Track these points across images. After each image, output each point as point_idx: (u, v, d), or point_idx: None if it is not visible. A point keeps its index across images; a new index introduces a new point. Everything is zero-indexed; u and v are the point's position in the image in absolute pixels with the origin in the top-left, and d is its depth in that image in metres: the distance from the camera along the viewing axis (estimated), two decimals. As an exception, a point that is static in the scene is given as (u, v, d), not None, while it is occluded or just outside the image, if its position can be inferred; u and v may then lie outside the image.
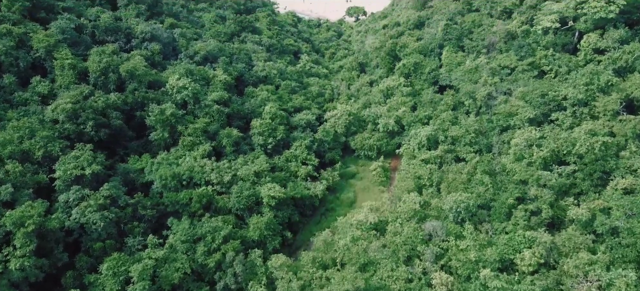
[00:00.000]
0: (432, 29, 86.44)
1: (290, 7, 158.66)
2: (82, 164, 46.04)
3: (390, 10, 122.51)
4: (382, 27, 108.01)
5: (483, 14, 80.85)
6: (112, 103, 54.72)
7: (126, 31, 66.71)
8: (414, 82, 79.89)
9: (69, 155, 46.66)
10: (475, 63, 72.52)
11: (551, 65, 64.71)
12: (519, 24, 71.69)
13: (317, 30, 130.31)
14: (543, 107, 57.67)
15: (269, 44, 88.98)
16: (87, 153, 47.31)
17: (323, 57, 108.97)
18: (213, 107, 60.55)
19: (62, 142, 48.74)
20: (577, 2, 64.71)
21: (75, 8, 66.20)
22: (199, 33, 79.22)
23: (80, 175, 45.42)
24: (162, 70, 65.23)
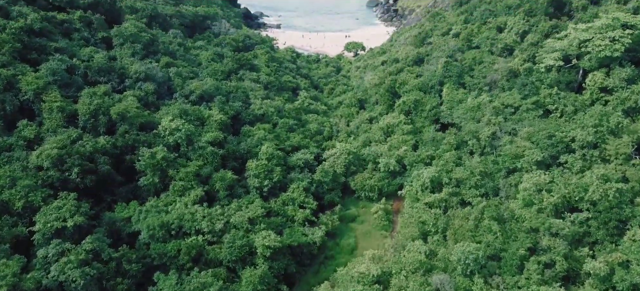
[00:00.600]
0: (432, 66, 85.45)
1: (289, 42, 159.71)
2: (64, 215, 43.22)
3: (388, 46, 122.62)
4: (381, 63, 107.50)
5: (484, 51, 79.94)
6: (101, 147, 52.42)
7: (120, 71, 65.31)
8: (414, 119, 78.07)
9: (51, 206, 43.89)
10: (477, 101, 70.84)
11: (556, 104, 62.85)
12: (521, 62, 70.46)
13: (316, 66, 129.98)
14: (551, 149, 55.30)
15: (267, 81, 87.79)
16: (70, 203, 44.55)
17: (322, 92, 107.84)
18: (207, 148, 58.25)
19: (45, 190, 46.09)
20: (580, 40, 63.54)
21: (68, 48, 65.01)
22: (195, 71, 77.99)
23: (62, 227, 42.52)
24: (156, 110, 63.35)
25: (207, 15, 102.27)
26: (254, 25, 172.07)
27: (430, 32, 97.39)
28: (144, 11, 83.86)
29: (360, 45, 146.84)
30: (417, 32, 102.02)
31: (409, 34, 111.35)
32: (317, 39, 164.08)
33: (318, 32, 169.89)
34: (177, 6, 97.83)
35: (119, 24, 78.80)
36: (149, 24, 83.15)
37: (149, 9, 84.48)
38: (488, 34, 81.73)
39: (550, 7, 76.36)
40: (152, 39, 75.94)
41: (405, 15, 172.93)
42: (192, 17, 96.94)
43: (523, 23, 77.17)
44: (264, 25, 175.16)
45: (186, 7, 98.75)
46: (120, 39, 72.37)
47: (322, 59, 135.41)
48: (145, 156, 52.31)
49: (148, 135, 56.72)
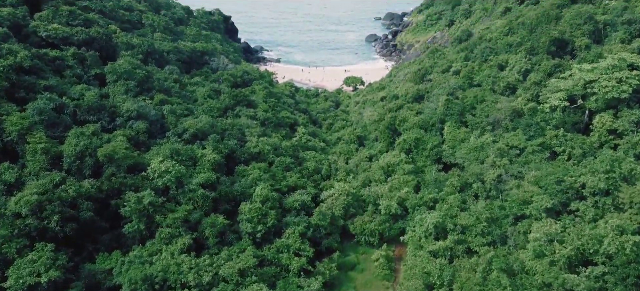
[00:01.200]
0: (432, 103, 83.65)
1: (289, 76, 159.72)
2: (38, 269, 39.87)
3: (388, 81, 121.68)
4: (380, 99, 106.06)
5: (485, 89, 78.29)
6: (85, 192, 49.50)
7: (111, 109, 63.26)
8: (415, 158, 75.44)
9: (26, 259, 40.62)
10: (480, 141, 68.49)
11: (563, 147, 60.43)
12: (524, 101, 68.55)
13: (315, 100, 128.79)
14: (560, 195, 52.36)
15: (264, 117, 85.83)
16: (46, 255, 41.30)
17: (320, 128, 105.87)
18: (198, 191, 55.30)
19: (21, 240, 42.93)
20: (585, 81, 61.83)
21: (58, 86, 63.22)
22: (191, 108, 76.05)
23: (35, 283, 39.07)
24: (147, 150, 60.83)
25: (205, 50, 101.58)
26: (253, 59, 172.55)
27: (430, 68, 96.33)
28: (140, 47, 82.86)
29: (359, 80, 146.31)
30: (417, 68, 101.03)
31: (408, 70, 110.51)
32: (316, 73, 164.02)
33: (317, 66, 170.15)
34: (174, 42, 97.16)
35: (114, 61, 77.61)
36: (145, 60, 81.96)
37: (146, 45, 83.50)
38: (489, 72, 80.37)
39: (552, 45, 75.24)
40: (146, 76, 74.41)
41: (404, 50, 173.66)
42: (190, 53, 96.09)
43: (525, 61, 75.86)
44: (264, 59, 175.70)
45: (184, 43, 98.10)
46: (113, 75, 70.79)
47: (321, 94, 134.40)
48: (131, 201, 49.33)
49: (136, 177, 53.91)
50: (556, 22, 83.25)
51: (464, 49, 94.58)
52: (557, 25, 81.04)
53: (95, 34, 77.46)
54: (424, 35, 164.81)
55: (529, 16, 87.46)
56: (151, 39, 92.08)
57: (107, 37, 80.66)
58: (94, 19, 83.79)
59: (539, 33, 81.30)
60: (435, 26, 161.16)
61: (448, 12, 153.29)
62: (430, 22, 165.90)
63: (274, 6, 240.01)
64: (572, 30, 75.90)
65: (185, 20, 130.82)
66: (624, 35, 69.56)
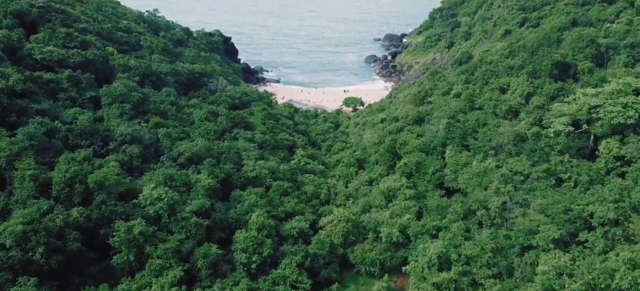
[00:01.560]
0: (433, 126, 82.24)
1: (288, 97, 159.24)
2: (19, 306, 37.53)
3: (387, 103, 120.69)
4: (380, 121, 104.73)
5: (487, 112, 76.94)
6: (73, 221, 47.48)
7: (104, 133, 61.72)
8: (417, 182, 73.50)
9: (6, 294, 38.31)
10: (483, 166, 66.67)
11: (569, 173, 58.62)
12: (527, 126, 67.12)
13: (314, 121, 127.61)
14: (568, 225, 50.31)
15: (262, 139, 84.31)
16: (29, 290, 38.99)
17: (320, 149, 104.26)
18: (191, 219, 53.24)
19: (3, 274, 40.73)
20: (590, 106, 60.49)
21: (50, 110, 61.85)
22: (187, 131, 74.58)
23: (14, 321, 36.73)
24: (140, 176, 59.01)
25: (203, 72, 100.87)
26: (253, 79, 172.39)
27: (430, 91, 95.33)
28: (138, 69, 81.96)
29: (359, 101, 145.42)
30: (417, 90, 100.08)
31: (408, 92, 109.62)
32: (315, 93, 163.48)
33: (317, 86, 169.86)
34: (173, 64, 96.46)
35: (110, 83, 76.57)
36: (142, 82, 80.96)
37: (143, 67, 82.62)
38: (490, 95, 79.21)
39: (554, 69, 74.26)
40: (142, 98, 73.18)
41: (404, 71, 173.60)
42: (188, 75, 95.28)
43: (527, 85, 74.75)
44: (264, 80, 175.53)
45: (183, 64, 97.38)
46: (108, 98, 69.57)
47: (321, 114, 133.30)
48: (120, 230, 47.27)
49: (127, 205, 51.95)
50: (557, 45, 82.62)
51: (464, 72, 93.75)
52: (559, 48, 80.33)
53: (92, 56, 76.65)
54: (423, 57, 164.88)
55: (530, 39, 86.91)
56: (149, 60, 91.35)
57: (104, 59, 79.85)
58: (91, 40, 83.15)
59: (540, 56, 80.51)
60: (434, 47, 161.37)
61: (447, 34, 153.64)
62: (429, 43, 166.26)
63: (274, 28, 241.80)
64: (574, 53, 75.05)
65: (185, 42, 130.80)
66: (628, 59, 68.63)
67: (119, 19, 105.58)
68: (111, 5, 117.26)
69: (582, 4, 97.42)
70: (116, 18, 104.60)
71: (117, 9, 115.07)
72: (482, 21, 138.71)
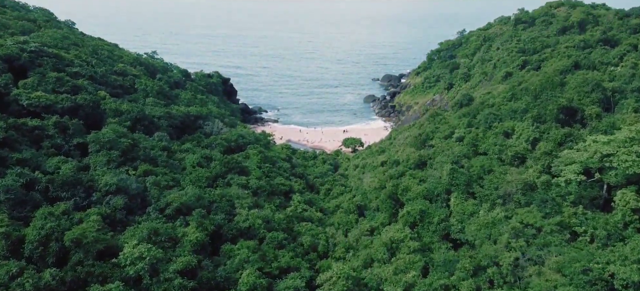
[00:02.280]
0: (436, 172, 78.81)
1: (286, 137, 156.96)
2: None
3: (387, 144, 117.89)
4: (380, 164, 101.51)
5: (492, 158, 73.72)
6: (45, 284, 42.95)
7: (88, 184, 58.07)
8: (421, 232, 69.07)
9: None
10: (491, 216, 62.67)
11: (584, 227, 54.59)
12: (536, 174, 63.66)
13: (313, 163, 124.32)
14: (588, 287, 45.75)
15: (257, 185, 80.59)
16: None
17: (318, 194, 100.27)
18: (175, 281, 48.61)
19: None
20: (602, 154, 57.28)
21: (32, 159, 58.53)
22: (177, 178, 70.99)
23: None
24: (123, 230, 54.80)
25: (199, 114, 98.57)
26: (251, 120, 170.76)
27: (431, 133, 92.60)
28: (129, 113, 79.45)
29: (358, 141, 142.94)
30: (417, 132, 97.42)
31: (409, 134, 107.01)
32: (314, 133, 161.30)
33: (316, 127, 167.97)
34: (168, 107, 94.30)
35: (100, 128, 73.79)
36: (133, 127, 78.21)
37: (135, 112, 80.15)
38: (495, 139, 76.28)
39: (560, 113, 71.71)
40: (132, 144, 70.09)
41: (403, 111, 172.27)
42: (183, 118, 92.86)
43: (532, 130, 71.97)
44: (262, 120, 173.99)
45: (177, 107, 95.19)
46: (96, 145, 66.46)
47: (319, 156, 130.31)
48: (95, 297, 42.63)
49: (105, 265, 47.48)
50: (561, 89, 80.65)
51: (466, 114, 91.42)
52: (563, 92, 78.27)
53: (82, 101, 74.29)
54: (422, 97, 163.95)
55: (532, 82, 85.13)
56: (142, 104, 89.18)
57: (95, 103, 77.50)
58: (83, 85, 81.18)
59: (544, 100, 78.31)
60: (433, 88, 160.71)
61: (446, 75, 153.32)
62: (428, 84, 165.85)
63: (274, 69, 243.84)
64: (580, 98, 72.80)
65: (182, 84, 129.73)
66: (637, 104, 66.18)
67: (115, 62, 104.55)
68: (108, 48, 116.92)
69: (583, 46, 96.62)
70: (112, 61, 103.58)
71: (113, 52, 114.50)
72: (481, 63, 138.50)
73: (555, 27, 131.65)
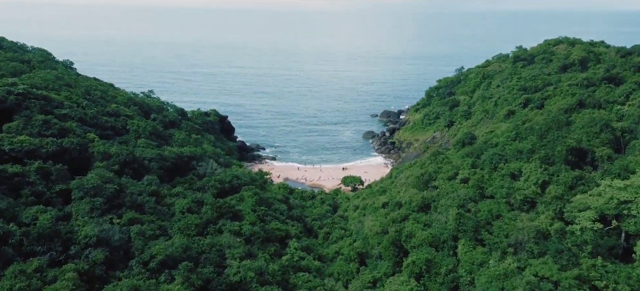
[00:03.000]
0: (441, 216, 74.53)
1: (284, 174, 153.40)
2: None
3: (389, 184, 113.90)
4: (381, 205, 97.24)
5: (500, 202, 69.72)
6: None
7: (66, 236, 53.75)
8: (428, 285, 63.95)
9: None
10: (502, 267, 57.96)
11: (605, 281, 49.94)
12: (549, 221, 59.52)
13: (311, 203, 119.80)
14: None
15: (251, 231, 76.02)
16: None
17: (316, 238, 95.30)
18: (156, 348, 43.39)
19: None
20: (619, 200, 53.45)
21: (8, 209, 54.49)
22: (165, 226, 66.61)
23: None
24: (101, 288, 49.95)
25: (193, 155, 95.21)
26: (249, 157, 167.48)
27: (434, 174, 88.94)
28: (118, 156, 76.01)
29: (358, 179, 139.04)
30: (420, 172, 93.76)
31: (410, 173, 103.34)
32: (313, 171, 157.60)
33: (314, 164, 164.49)
34: (160, 148, 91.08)
35: (87, 172, 70.13)
36: (121, 171, 74.52)
37: (124, 154, 76.72)
38: (501, 182, 72.58)
39: (569, 155, 68.38)
40: (118, 190, 66.22)
41: (403, 148, 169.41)
42: (175, 159, 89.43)
43: (541, 172, 68.39)
44: (260, 157, 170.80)
45: (170, 148, 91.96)
46: (79, 192, 62.59)
47: (318, 195, 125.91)
48: None
49: (77, 332, 42.51)
50: (568, 128, 77.80)
51: (469, 154, 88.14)
52: (570, 131, 75.33)
53: (68, 145, 71.05)
54: (422, 134, 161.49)
55: (537, 121, 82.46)
56: (133, 145, 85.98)
57: (82, 147, 74.24)
58: (71, 127, 78.25)
59: (551, 140, 75.27)
60: (433, 125, 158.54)
61: (446, 113, 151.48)
62: (428, 121, 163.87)
63: (272, 106, 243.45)
64: (589, 138, 69.73)
65: (178, 123, 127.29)
66: (650, 146, 62.96)
67: (108, 102, 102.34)
68: (102, 88, 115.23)
69: (586, 84, 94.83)
70: (105, 101, 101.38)
71: (107, 93, 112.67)
72: (482, 100, 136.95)
73: (556, 64, 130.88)
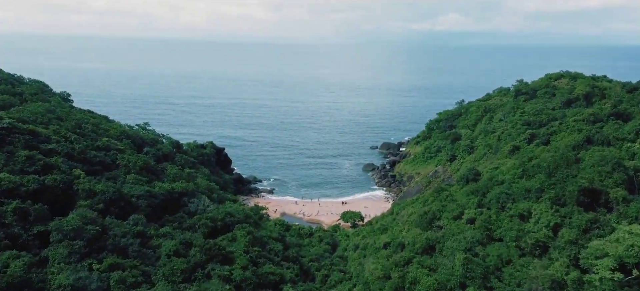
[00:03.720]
0: (447, 260, 69.70)
1: (282, 208, 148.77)
2: None
3: (390, 221, 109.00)
4: (383, 245, 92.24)
5: (510, 246, 65.17)
6: None
7: (38, 285, 49.01)
8: (434, 339, 58.80)
9: None
10: (515, 320, 53.06)
11: (633, 340, 45.05)
12: (564, 269, 54.88)
13: (309, 241, 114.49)
14: None
15: (242, 277, 70.92)
16: None
17: (313, 281, 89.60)
18: None
19: None
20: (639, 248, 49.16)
21: (-24, 256, 50.08)
22: (148, 272, 61.72)
23: None
24: (71, 347, 44.87)
25: (184, 191, 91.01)
26: (245, 190, 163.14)
27: (439, 212, 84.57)
28: (104, 194, 71.87)
29: (358, 215, 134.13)
30: (423, 210, 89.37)
31: (413, 210, 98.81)
32: (311, 206, 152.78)
33: (312, 198, 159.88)
34: (150, 183, 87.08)
35: (70, 211, 65.87)
36: (106, 210, 70.21)
37: (110, 192, 72.63)
38: (510, 223, 68.31)
39: (581, 195, 64.42)
40: (100, 232, 61.77)
41: (404, 181, 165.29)
42: (166, 195, 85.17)
43: (552, 214, 64.24)
44: (257, 190, 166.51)
45: (161, 184, 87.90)
46: (58, 235, 58.17)
47: (316, 233, 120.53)
48: None
49: None
50: (577, 167, 74.17)
51: (474, 192, 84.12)
52: (580, 170, 71.67)
53: (51, 182, 67.19)
54: (423, 167, 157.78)
55: (544, 158, 78.94)
56: (121, 182, 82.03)
57: (66, 184, 70.31)
58: (57, 163, 74.57)
59: (560, 178, 71.52)
60: (435, 159, 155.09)
61: (448, 146, 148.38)
62: (429, 154, 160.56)
63: (271, 138, 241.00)
64: (601, 178, 66.01)
65: (172, 156, 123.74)
66: (669, 187, 59.13)
67: (99, 136, 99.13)
68: (94, 121, 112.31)
69: (593, 120, 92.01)
70: (95, 135, 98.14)
71: (100, 126, 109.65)
72: (484, 135, 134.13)
73: (560, 99, 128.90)
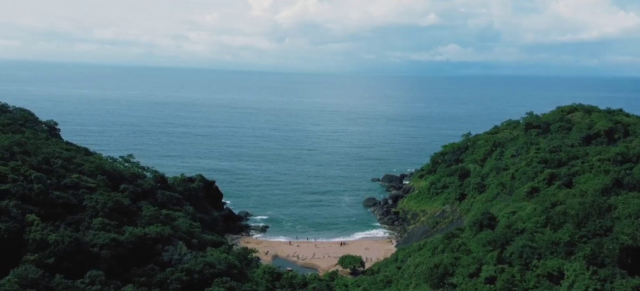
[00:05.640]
0: (463, 331, 58.13)
1: (274, 250, 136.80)
2: None
3: (394, 270, 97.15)
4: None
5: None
6: None
7: None
8: None
9: None
10: None
11: None
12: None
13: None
14: None
15: (219, 347, 58.86)
16: None
17: (305, 345, 77.42)
18: None
19: None
20: None
21: None
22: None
23: None
24: None
25: (159, 236, 79.99)
26: (236, 228, 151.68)
27: (451, 266, 73.13)
28: (59, 246, 60.92)
29: (358, 260, 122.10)
30: (433, 263, 77.88)
31: (420, 260, 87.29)
32: (306, 247, 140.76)
33: (308, 238, 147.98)
34: (119, 228, 76.24)
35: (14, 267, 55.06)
36: (58, 265, 59.27)
37: (66, 242, 61.91)
38: (539, 286, 57.08)
39: (623, 255, 53.60)
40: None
41: (408, 219, 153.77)
42: (136, 243, 74.22)
43: (589, 276, 53.13)
44: (248, 228, 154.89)
45: (132, 229, 76.96)
46: (-13, 301, 47.20)
47: (310, 284, 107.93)
48: None
49: None
50: (609, 215, 63.67)
51: (491, 242, 73.07)
52: (614, 220, 61.12)
53: (-8, 232, 56.81)
54: (429, 205, 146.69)
55: (572, 205, 68.40)
56: (85, 228, 71.34)
57: (15, 233, 59.79)
58: (8, 207, 64.25)
59: (592, 230, 60.87)
60: (441, 195, 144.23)
61: (456, 183, 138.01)
62: (434, 190, 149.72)
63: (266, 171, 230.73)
64: (647, 233, 55.40)
65: (154, 192, 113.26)
66: None
67: (69, 172, 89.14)
68: (68, 154, 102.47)
69: (621, 160, 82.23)
70: (65, 171, 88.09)
71: (73, 160, 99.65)
72: (495, 172, 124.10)
73: (578, 134, 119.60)
